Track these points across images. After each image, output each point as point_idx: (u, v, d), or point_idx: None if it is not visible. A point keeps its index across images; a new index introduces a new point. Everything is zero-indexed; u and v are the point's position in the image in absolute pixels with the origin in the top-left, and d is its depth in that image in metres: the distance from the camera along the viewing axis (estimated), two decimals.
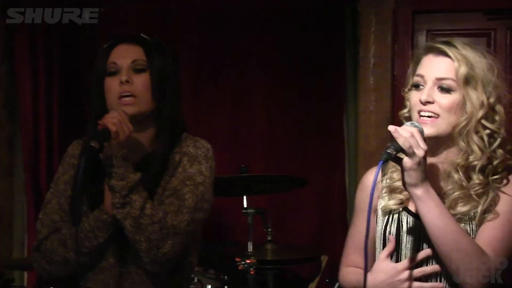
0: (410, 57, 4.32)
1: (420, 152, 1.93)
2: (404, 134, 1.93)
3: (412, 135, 1.93)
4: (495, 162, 2.05)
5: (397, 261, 2.11)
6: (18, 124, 4.74)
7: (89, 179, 2.17)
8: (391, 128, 1.95)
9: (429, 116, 2.04)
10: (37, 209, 4.70)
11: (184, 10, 4.79)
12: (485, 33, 4.42)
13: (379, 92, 4.44)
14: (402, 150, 1.93)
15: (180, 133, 2.38)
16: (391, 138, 1.95)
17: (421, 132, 1.99)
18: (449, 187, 2.06)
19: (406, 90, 2.16)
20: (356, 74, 4.59)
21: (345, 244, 2.31)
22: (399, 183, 2.10)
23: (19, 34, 4.66)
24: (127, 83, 2.23)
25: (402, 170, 1.97)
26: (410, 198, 2.07)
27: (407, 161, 1.94)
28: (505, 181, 2.06)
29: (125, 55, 2.26)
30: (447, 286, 2.05)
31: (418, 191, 1.97)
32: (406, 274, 2.07)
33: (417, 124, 2.02)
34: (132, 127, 2.19)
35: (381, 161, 1.92)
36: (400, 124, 2.07)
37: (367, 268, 1.97)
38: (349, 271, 2.24)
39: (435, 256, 2.04)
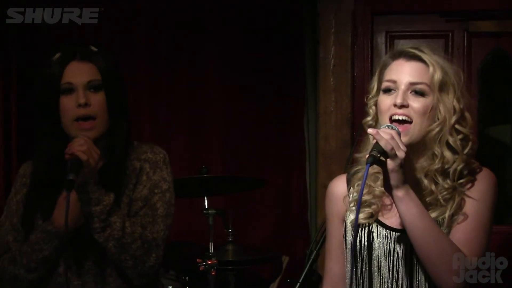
0: (369, 59, 4.39)
1: (401, 154, 1.94)
2: (385, 136, 1.93)
3: (392, 137, 1.94)
4: (461, 166, 2.07)
5: (370, 272, 2.13)
6: None
7: (44, 194, 2.24)
8: (372, 131, 1.96)
9: (402, 120, 2.05)
10: None
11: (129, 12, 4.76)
12: (443, 34, 4.46)
13: (339, 93, 4.47)
14: (384, 152, 1.94)
15: (131, 142, 2.40)
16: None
17: (399, 134, 2.01)
18: (418, 194, 2.06)
19: (370, 96, 2.16)
20: (316, 75, 4.62)
21: (326, 256, 2.33)
22: (367, 197, 2.12)
23: None
24: (86, 105, 2.21)
25: (385, 173, 1.98)
26: (380, 210, 2.13)
27: (390, 163, 1.95)
28: (469, 185, 2.08)
29: (80, 75, 2.23)
30: None
31: (399, 193, 1.98)
32: None
33: (393, 126, 2.03)
34: (99, 152, 2.19)
35: (368, 164, 1.92)
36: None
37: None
38: None
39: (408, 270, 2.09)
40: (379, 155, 1.93)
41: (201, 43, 4.73)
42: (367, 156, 1.94)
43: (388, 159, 1.94)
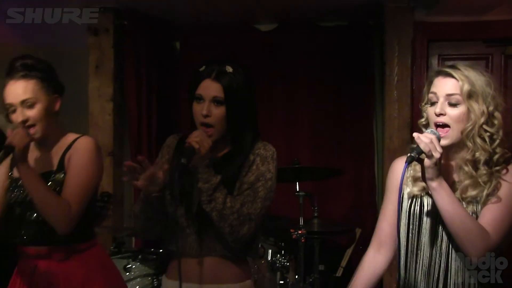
0: (426, 76, 4.29)
1: (437, 155, 2.01)
2: (425, 140, 2.01)
3: (431, 141, 2.01)
4: (496, 157, 2.13)
5: (418, 236, 2.19)
6: (126, 127, 4.84)
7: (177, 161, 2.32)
8: (415, 135, 2.03)
9: (443, 125, 2.13)
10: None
11: (247, 42, 4.99)
12: (484, 57, 4.47)
13: (401, 103, 4.50)
14: (423, 152, 2.03)
15: (253, 140, 2.44)
16: (414, 142, 2.03)
17: (438, 138, 2.08)
18: (461, 177, 2.16)
19: (423, 104, 2.25)
20: (383, 88, 4.67)
21: (378, 218, 2.40)
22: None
23: (127, 58, 4.72)
24: (207, 116, 2.34)
25: (422, 167, 2.05)
26: None
27: (427, 161, 2.02)
28: (504, 171, 2.14)
29: (207, 91, 2.34)
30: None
31: (434, 184, 2.04)
32: None
33: (435, 131, 2.10)
34: (211, 142, 2.30)
35: (406, 163, 2.02)
36: (417, 129, 2.21)
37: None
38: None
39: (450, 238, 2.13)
40: (417, 156, 2.01)
41: (292, 65, 4.92)
42: (407, 155, 2.01)
43: (425, 158, 2.01)
